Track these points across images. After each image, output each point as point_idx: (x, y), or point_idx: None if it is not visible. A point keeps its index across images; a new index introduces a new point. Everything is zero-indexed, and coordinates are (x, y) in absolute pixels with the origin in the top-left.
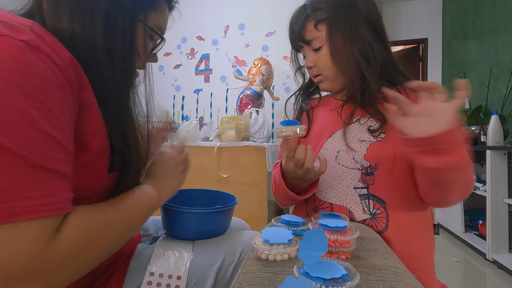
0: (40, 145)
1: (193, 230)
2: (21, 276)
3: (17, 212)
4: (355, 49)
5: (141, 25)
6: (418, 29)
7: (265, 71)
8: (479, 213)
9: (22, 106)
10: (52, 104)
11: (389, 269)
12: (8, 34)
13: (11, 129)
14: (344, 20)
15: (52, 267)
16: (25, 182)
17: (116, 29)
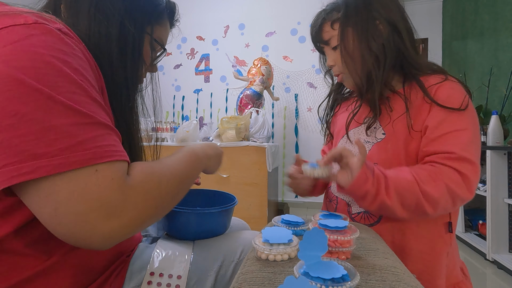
0: (95, 108)
1: (193, 230)
2: (113, 209)
3: (96, 156)
4: (365, 46)
5: (147, 37)
6: (418, 29)
7: (265, 71)
8: (479, 213)
9: (75, 79)
10: (90, 78)
11: (389, 269)
12: (45, 22)
13: (74, 97)
14: (355, 18)
15: (134, 201)
16: (96, 135)
17: (128, 39)
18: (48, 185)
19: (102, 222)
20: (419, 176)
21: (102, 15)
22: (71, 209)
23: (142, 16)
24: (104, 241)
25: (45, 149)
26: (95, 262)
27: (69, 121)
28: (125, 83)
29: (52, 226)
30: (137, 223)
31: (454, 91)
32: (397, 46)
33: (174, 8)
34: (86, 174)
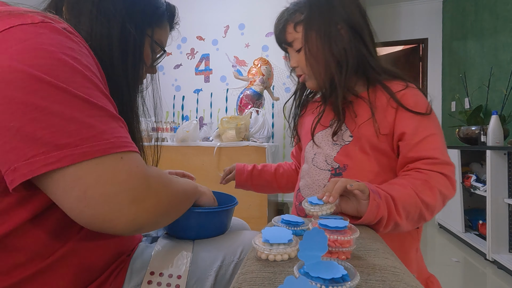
0: (106, 102)
1: (193, 230)
2: (137, 193)
3: (116, 146)
4: (328, 51)
5: (148, 38)
6: (418, 29)
7: (265, 71)
8: (479, 213)
9: (86, 74)
10: (98, 74)
11: (389, 269)
12: (50, 21)
13: (87, 91)
14: (318, 21)
15: (155, 189)
16: (112, 126)
17: (129, 40)
18: (75, 171)
19: (128, 205)
20: (416, 187)
21: (103, 17)
22: (100, 191)
23: (143, 18)
24: (127, 223)
25: (68, 140)
26: (95, 261)
27: (86, 113)
28: (125, 84)
29: (79, 209)
30: (157, 211)
31: (419, 97)
32: (359, 50)
33: (174, 11)
34: (113, 160)
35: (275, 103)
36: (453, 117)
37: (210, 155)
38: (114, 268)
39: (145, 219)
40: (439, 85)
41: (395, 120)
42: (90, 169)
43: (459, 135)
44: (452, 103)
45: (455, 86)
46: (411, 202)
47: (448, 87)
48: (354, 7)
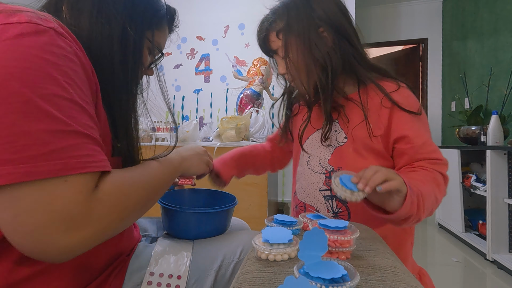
0: (77, 114)
1: (193, 230)
2: (75, 222)
3: (68, 167)
4: (309, 57)
5: (146, 41)
6: (418, 29)
7: (264, 71)
8: (479, 213)
9: (60, 82)
10: (79, 81)
11: (389, 269)
12: (38, 22)
13: (55, 101)
14: (298, 27)
15: (99, 214)
16: (71, 144)
17: (129, 42)
18: (12, 191)
19: (61, 235)
20: (432, 186)
21: (103, 18)
22: (31, 219)
23: (143, 20)
24: (59, 254)
25: (13, 156)
26: (94, 261)
27: (44, 127)
28: (124, 85)
29: (7, 233)
30: (98, 236)
31: (412, 97)
32: (344, 51)
33: (174, 14)
34: (54, 185)
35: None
36: (453, 117)
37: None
38: (113, 268)
39: (82, 247)
40: (439, 85)
41: (390, 121)
42: (27, 192)
43: (459, 135)
44: (452, 103)
45: (455, 86)
46: (431, 200)
47: (448, 87)
48: (334, 7)
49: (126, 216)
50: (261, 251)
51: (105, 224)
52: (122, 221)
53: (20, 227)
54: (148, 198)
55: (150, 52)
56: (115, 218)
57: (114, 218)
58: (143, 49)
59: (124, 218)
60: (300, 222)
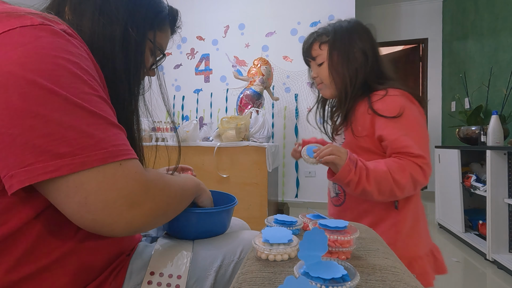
0: (106, 108)
1: (193, 230)
2: (136, 198)
3: (114, 155)
4: (345, 68)
5: (148, 42)
6: (418, 29)
7: (265, 71)
8: (479, 213)
9: (84, 79)
10: (97, 78)
11: (389, 269)
12: (50, 24)
13: (87, 97)
14: (340, 44)
15: (153, 193)
16: (110, 134)
17: (131, 43)
18: (76, 178)
19: (126, 210)
20: (391, 167)
21: (105, 19)
22: (100, 197)
23: (145, 21)
24: (125, 227)
25: (67, 149)
26: (95, 260)
27: (85, 121)
28: (127, 85)
29: (80, 214)
30: (154, 214)
31: (391, 104)
32: (365, 71)
33: (176, 15)
34: (112, 167)
35: (275, 103)
36: (453, 117)
37: (210, 155)
38: (113, 268)
39: (142, 222)
40: (439, 85)
41: (373, 124)
42: (91, 176)
43: (459, 135)
44: (452, 103)
45: (455, 86)
46: (383, 177)
47: (448, 87)
48: (367, 40)
49: (171, 202)
50: (261, 251)
51: (158, 202)
52: (168, 205)
53: (92, 206)
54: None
55: (151, 53)
56: (164, 199)
57: (163, 199)
58: (145, 50)
59: (170, 203)
60: (300, 222)
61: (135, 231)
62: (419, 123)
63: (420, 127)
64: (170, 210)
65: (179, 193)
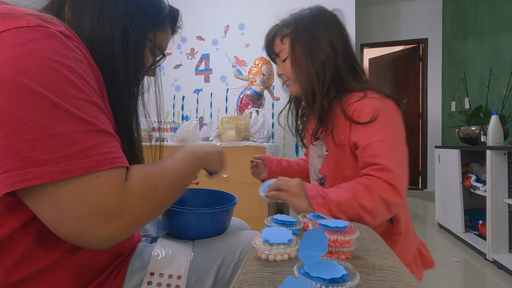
0: (97, 114)
1: (193, 230)
2: (112, 213)
3: (98, 164)
4: (309, 61)
5: (148, 42)
6: (418, 29)
7: (266, 71)
8: (479, 213)
9: (77, 83)
10: (92, 82)
11: (389, 269)
12: (47, 25)
13: (77, 103)
14: (302, 36)
15: (132, 205)
16: (97, 142)
17: (131, 43)
18: (52, 190)
19: (102, 226)
20: (356, 191)
21: (106, 19)
22: (74, 214)
23: (145, 21)
24: (103, 242)
25: (49, 156)
26: (94, 261)
27: (72, 128)
28: (126, 86)
29: (56, 228)
30: (134, 225)
31: (367, 108)
32: (335, 64)
33: (177, 16)
34: (89, 181)
35: (276, 103)
36: (453, 117)
37: None
38: (113, 268)
39: (122, 235)
40: (439, 85)
41: (350, 131)
42: (67, 189)
43: (459, 135)
44: (452, 103)
45: (455, 86)
46: (347, 204)
47: (448, 87)
48: (334, 28)
49: (157, 206)
50: (261, 251)
51: (139, 213)
52: (153, 210)
53: (66, 222)
54: (174, 189)
55: (151, 53)
56: (147, 208)
57: (146, 208)
58: (144, 50)
59: (155, 208)
60: (300, 222)
61: (117, 242)
62: (395, 131)
63: (396, 135)
64: (157, 212)
65: (172, 184)
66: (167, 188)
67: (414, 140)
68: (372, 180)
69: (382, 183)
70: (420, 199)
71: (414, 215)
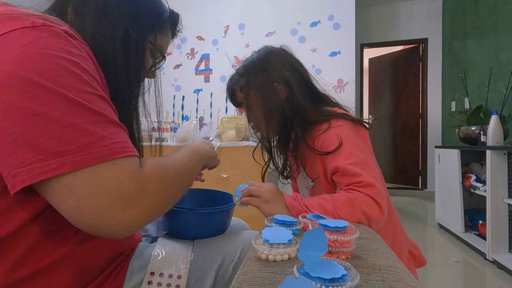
0: (106, 107)
1: (193, 230)
2: (130, 199)
3: (114, 152)
4: (265, 107)
5: (149, 43)
6: (418, 29)
7: None
8: (479, 213)
9: (84, 78)
10: (97, 78)
11: (389, 269)
12: (51, 24)
13: (87, 97)
14: (254, 82)
15: (149, 191)
16: (111, 132)
17: (132, 44)
18: (70, 180)
19: (121, 212)
20: (337, 204)
21: (107, 20)
22: (93, 201)
23: (146, 23)
24: (123, 229)
25: (67, 147)
26: (95, 261)
27: (85, 120)
28: (127, 86)
29: (75, 217)
30: (152, 211)
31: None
32: (294, 102)
33: (177, 19)
34: (105, 168)
35: None
36: (453, 117)
37: None
38: (113, 268)
39: (141, 221)
40: (439, 85)
41: (322, 163)
42: (84, 178)
43: (459, 135)
44: (452, 103)
45: (455, 86)
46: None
47: (448, 87)
48: (285, 67)
49: (171, 194)
50: (261, 251)
51: (156, 199)
52: (168, 198)
53: (85, 209)
54: (184, 181)
55: (152, 55)
56: (162, 194)
57: (162, 194)
58: (145, 51)
59: (170, 196)
60: (300, 222)
61: (136, 230)
62: (363, 151)
63: (364, 155)
64: (171, 200)
65: (182, 175)
66: (179, 178)
67: (414, 140)
68: (356, 194)
69: (364, 197)
70: (420, 199)
71: (414, 215)
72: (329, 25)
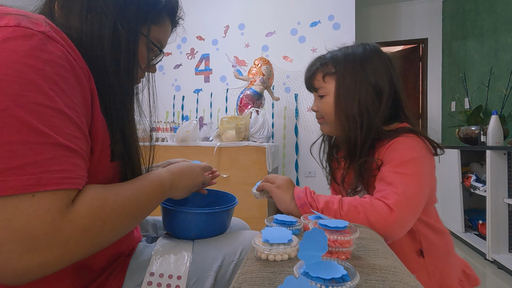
0: (61, 123)
1: (193, 230)
2: (36, 243)
3: (39, 183)
4: (353, 107)
5: (143, 37)
6: (418, 29)
7: (266, 71)
8: (479, 213)
9: (44, 89)
10: (67, 88)
11: (389, 269)
12: (28, 26)
13: (37, 109)
14: (351, 79)
15: (66, 238)
16: (47, 157)
17: (121, 40)
18: None
19: (18, 256)
20: (343, 207)
21: (94, 16)
22: None
23: (137, 16)
24: (14, 276)
25: None
26: (94, 261)
27: (20, 138)
28: (119, 86)
29: None
30: (63, 260)
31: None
32: (379, 113)
33: (175, 6)
34: (20, 200)
35: (275, 103)
36: (453, 117)
37: (210, 155)
38: (113, 269)
39: (41, 272)
40: (439, 85)
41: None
42: None
43: (459, 135)
44: (452, 103)
45: (455, 86)
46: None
47: (448, 87)
48: (385, 76)
49: (98, 241)
50: (261, 251)
51: (73, 247)
52: (93, 246)
53: None
54: (127, 224)
55: (148, 49)
56: (85, 242)
57: (84, 242)
58: (137, 47)
59: (96, 243)
60: (300, 222)
61: (29, 280)
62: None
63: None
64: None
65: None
66: (119, 223)
67: None
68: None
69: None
70: None
71: None
72: (329, 25)
